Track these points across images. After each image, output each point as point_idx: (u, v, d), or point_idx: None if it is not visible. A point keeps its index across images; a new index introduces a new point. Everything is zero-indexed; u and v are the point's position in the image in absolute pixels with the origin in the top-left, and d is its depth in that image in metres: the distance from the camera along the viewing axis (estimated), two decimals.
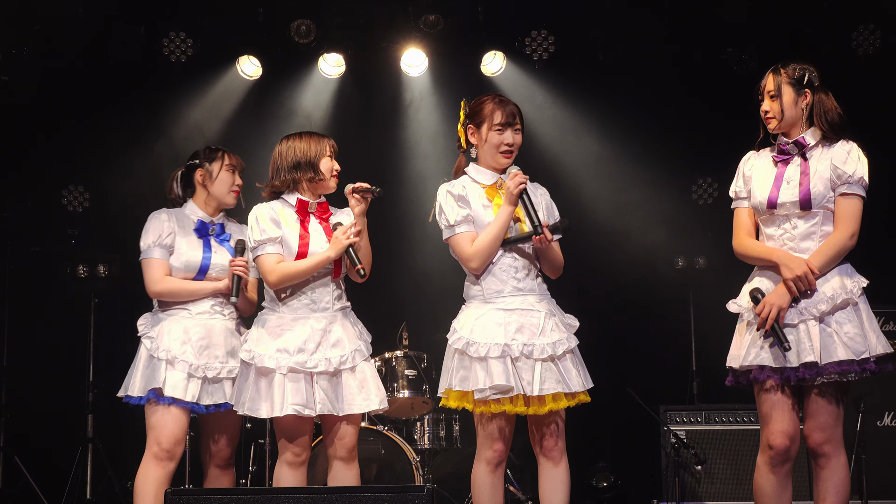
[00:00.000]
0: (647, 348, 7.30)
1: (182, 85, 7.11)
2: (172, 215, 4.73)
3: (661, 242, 7.29)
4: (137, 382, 4.56)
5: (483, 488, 4.21)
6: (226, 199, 4.77)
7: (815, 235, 4.00)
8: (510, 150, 4.27)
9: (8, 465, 6.94)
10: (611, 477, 6.92)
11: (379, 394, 4.47)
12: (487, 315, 4.22)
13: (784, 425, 3.96)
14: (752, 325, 4.03)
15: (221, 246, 4.74)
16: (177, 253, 4.67)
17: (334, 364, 4.37)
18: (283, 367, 4.33)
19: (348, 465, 4.45)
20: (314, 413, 4.35)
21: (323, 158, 4.48)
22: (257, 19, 6.97)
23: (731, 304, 4.14)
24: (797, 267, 3.92)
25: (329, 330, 4.42)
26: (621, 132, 7.26)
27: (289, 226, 4.44)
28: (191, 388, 4.53)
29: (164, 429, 4.53)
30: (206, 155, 4.78)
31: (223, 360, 4.63)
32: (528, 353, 4.15)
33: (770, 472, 4.00)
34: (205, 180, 4.74)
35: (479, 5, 7.01)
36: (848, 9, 6.75)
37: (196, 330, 4.62)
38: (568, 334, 4.27)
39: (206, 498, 3.70)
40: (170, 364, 4.54)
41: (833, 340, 3.89)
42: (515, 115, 4.28)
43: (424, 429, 6.53)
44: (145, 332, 4.66)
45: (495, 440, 4.19)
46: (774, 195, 4.03)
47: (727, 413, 6.38)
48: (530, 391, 4.12)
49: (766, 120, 4.10)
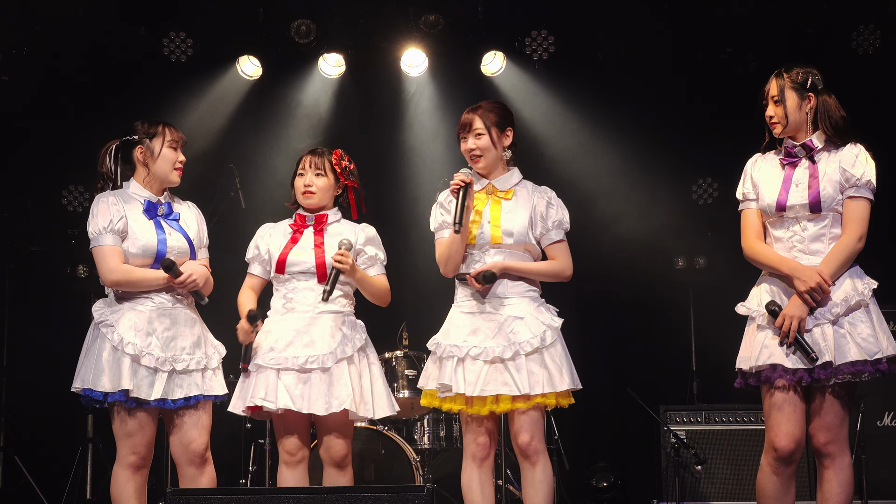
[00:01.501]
0: (647, 348, 7.29)
1: (182, 85, 7.11)
2: (119, 197, 4.42)
3: (661, 242, 7.29)
4: (102, 377, 4.27)
5: (469, 483, 4.32)
6: (170, 177, 4.47)
7: (825, 237, 4.01)
8: (473, 153, 4.40)
9: (8, 465, 6.94)
10: (611, 477, 6.92)
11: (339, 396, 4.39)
12: (453, 318, 4.42)
13: (790, 427, 3.95)
14: (763, 327, 4.02)
15: (171, 227, 4.47)
16: (132, 238, 4.36)
17: (300, 362, 4.40)
18: (254, 365, 4.46)
19: (339, 471, 4.50)
20: (275, 406, 4.37)
21: (296, 179, 4.64)
22: (257, 19, 6.97)
23: (741, 307, 4.13)
24: (810, 278, 3.92)
25: (306, 331, 4.46)
26: (621, 132, 7.25)
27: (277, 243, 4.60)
28: (157, 385, 4.28)
29: (140, 437, 4.32)
30: (146, 130, 4.45)
31: (190, 351, 4.40)
32: (476, 355, 4.26)
33: (773, 474, 3.99)
34: (146, 158, 4.43)
35: (479, 5, 7.01)
36: (848, 9, 6.75)
37: (160, 320, 4.37)
38: (535, 337, 4.26)
39: (206, 498, 3.70)
40: (135, 360, 4.27)
41: (846, 341, 3.91)
42: (467, 124, 4.41)
43: (424, 429, 6.53)
44: (104, 320, 4.35)
45: (476, 434, 4.31)
46: (783, 198, 4.03)
47: (727, 413, 6.38)
48: (469, 392, 4.24)
49: (771, 125, 4.11)
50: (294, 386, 4.40)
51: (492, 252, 4.35)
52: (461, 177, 4.28)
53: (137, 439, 4.32)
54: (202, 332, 4.50)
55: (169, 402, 4.32)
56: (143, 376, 4.28)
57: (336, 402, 4.39)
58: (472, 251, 4.37)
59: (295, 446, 4.49)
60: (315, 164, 4.60)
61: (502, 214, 4.35)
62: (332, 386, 4.41)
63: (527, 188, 4.44)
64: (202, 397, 4.41)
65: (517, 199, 4.39)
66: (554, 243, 4.40)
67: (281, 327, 4.49)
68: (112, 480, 4.38)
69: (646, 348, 7.28)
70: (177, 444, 4.42)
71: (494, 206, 4.37)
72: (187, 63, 6.99)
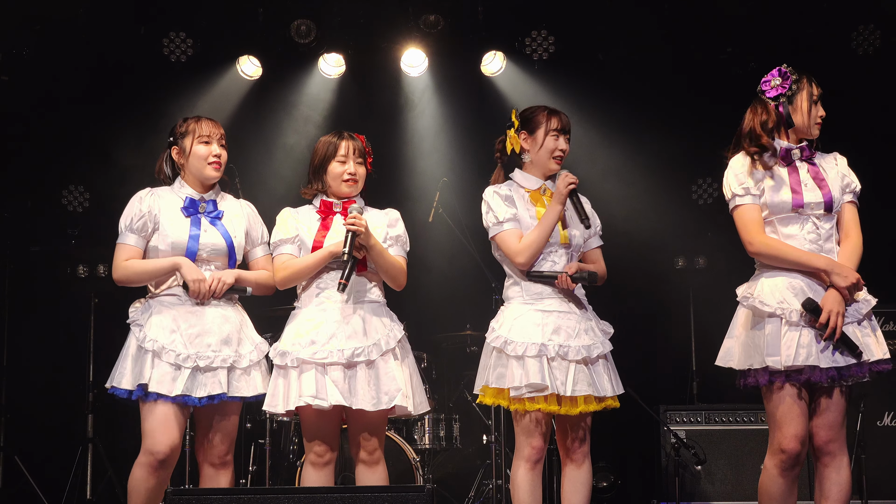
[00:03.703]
0: (647, 348, 7.30)
1: (182, 85, 7.11)
2: (156, 195, 4.41)
3: (661, 242, 7.29)
4: (127, 375, 4.24)
5: (522, 485, 4.31)
6: (205, 173, 4.40)
7: (833, 238, 4.07)
8: (562, 156, 4.48)
9: (8, 465, 6.94)
10: (611, 477, 6.92)
11: (390, 392, 4.27)
12: (526, 315, 4.34)
13: (799, 429, 3.94)
14: (795, 325, 3.93)
15: (213, 225, 4.40)
16: (161, 234, 4.34)
17: (346, 356, 4.24)
18: (293, 360, 4.26)
19: (371, 467, 4.36)
20: (326, 404, 4.19)
21: (330, 164, 4.45)
22: (257, 19, 6.96)
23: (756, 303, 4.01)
24: (850, 274, 3.95)
25: (346, 322, 4.31)
26: (621, 132, 7.25)
27: (308, 226, 4.42)
28: (179, 381, 4.18)
29: (157, 436, 4.19)
30: (178, 130, 4.45)
31: (216, 348, 4.27)
32: (563, 354, 4.27)
33: (779, 476, 3.98)
34: (180, 158, 4.43)
35: (479, 5, 7.00)
36: (848, 9, 6.74)
37: (187, 317, 4.29)
38: (602, 339, 4.39)
39: (206, 498, 3.69)
40: (156, 356, 4.22)
41: (870, 340, 3.96)
42: (567, 126, 4.51)
43: (424, 429, 6.52)
44: (135, 320, 4.34)
45: (533, 437, 4.30)
46: (799, 196, 4.04)
47: (727, 413, 6.39)
48: (563, 391, 4.24)
49: (818, 125, 4.14)
50: (342, 381, 4.23)
51: (560, 252, 4.41)
52: (574, 178, 4.39)
53: (158, 437, 4.19)
54: (238, 330, 4.36)
55: (193, 400, 4.22)
56: (165, 372, 4.20)
57: (386, 397, 4.27)
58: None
59: (325, 447, 4.32)
60: (357, 151, 4.47)
61: (566, 216, 4.44)
62: (380, 380, 4.28)
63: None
64: (226, 397, 4.27)
65: (567, 204, 4.47)
66: (595, 248, 4.59)
67: (319, 319, 4.32)
68: (130, 475, 4.28)
69: (646, 348, 7.28)
70: (199, 444, 4.38)
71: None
72: (187, 63, 6.98)
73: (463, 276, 7.00)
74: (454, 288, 7.03)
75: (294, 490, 3.86)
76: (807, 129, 4.12)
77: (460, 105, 7.39)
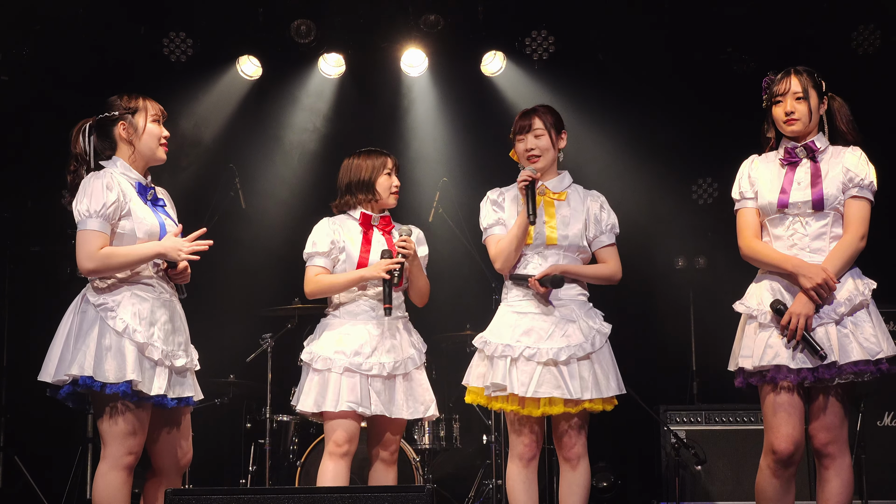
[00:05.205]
0: (647, 348, 7.29)
1: (182, 85, 7.11)
2: (114, 178, 4.02)
3: (661, 242, 7.29)
4: (109, 367, 3.82)
5: (515, 483, 4.34)
6: (157, 154, 4.13)
7: (826, 236, 4.02)
8: (533, 153, 4.43)
9: (8, 465, 6.94)
10: (611, 477, 6.92)
11: (425, 402, 4.65)
12: (505, 317, 4.41)
13: (790, 430, 3.94)
14: (765, 326, 3.99)
15: (163, 214, 4.13)
16: (136, 221, 3.99)
17: (388, 368, 4.54)
18: (339, 367, 4.50)
19: (389, 466, 4.66)
20: (369, 412, 4.49)
21: (380, 178, 4.71)
22: (257, 19, 6.96)
23: (739, 306, 4.12)
24: (816, 275, 3.91)
25: (385, 336, 4.58)
26: (621, 132, 7.25)
27: (351, 238, 4.64)
28: (158, 381, 3.90)
29: (141, 436, 3.92)
30: (126, 105, 4.10)
31: (185, 348, 4.06)
32: (530, 356, 4.27)
33: (773, 477, 3.98)
34: (129, 135, 4.09)
35: (479, 5, 7.00)
36: (848, 9, 6.74)
37: (161, 311, 3.99)
38: (585, 341, 4.32)
39: (206, 498, 3.69)
40: (141, 350, 3.88)
41: (849, 341, 3.91)
42: (527, 125, 4.44)
43: (424, 429, 6.53)
44: (104, 303, 3.92)
45: (521, 435, 4.34)
46: (785, 196, 4.03)
47: (727, 413, 6.38)
48: (523, 392, 4.25)
49: (790, 122, 4.07)
50: (383, 392, 4.54)
51: (546, 253, 4.39)
52: (528, 174, 4.32)
53: (139, 439, 3.90)
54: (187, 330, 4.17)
55: (167, 401, 3.93)
56: (146, 369, 3.88)
57: (422, 407, 4.64)
58: (526, 251, 4.41)
59: (345, 439, 4.52)
60: (397, 166, 4.83)
61: (557, 216, 4.40)
62: (414, 391, 4.63)
63: (578, 192, 4.53)
64: (192, 401, 4.07)
65: (570, 202, 4.46)
66: (606, 247, 4.51)
67: (361, 332, 4.58)
68: (101, 483, 3.88)
69: (646, 348, 7.28)
70: (165, 450, 4.05)
71: (548, 208, 4.42)
72: (187, 63, 6.98)
73: (463, 276, 7.01)
74: (454, 288, 7.02)
75: (294, 490, 3.86)
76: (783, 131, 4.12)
77: (460, 105, 7.39)
